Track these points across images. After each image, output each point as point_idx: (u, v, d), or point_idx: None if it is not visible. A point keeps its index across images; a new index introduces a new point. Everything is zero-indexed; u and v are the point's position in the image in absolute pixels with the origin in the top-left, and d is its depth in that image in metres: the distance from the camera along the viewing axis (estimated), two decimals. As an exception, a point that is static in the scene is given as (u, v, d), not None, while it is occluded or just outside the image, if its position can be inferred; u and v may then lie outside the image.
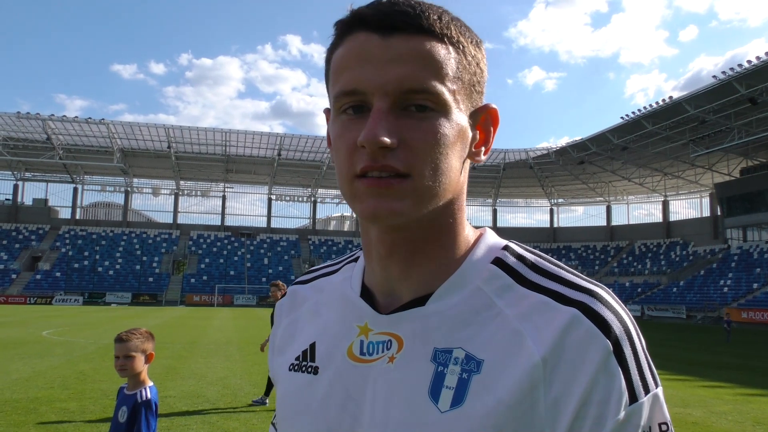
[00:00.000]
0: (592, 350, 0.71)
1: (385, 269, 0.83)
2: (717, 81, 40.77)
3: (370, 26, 0.74)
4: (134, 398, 3.46)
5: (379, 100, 0.72)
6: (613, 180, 68.72)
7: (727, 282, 50.84)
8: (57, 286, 59.50)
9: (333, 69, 0.78)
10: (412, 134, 0.72)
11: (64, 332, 22.46)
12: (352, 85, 0.74)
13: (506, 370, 0.73)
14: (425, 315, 0.79)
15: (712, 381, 13.25)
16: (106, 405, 8.77)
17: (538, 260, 0.83)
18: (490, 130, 0.83)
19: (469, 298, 0.79)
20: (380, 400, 0.78)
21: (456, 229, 0.82)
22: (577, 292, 0.76)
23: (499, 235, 0.85)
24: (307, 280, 1.01)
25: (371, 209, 0.73)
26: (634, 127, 50.10)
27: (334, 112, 0.78)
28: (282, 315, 1.00)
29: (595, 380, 0.70)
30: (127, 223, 72.97)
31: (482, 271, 0.80)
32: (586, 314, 0.73)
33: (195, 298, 59.43)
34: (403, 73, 0.72)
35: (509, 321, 0.75)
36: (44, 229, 68.34)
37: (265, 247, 71.78)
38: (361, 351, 0.82)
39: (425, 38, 0.73)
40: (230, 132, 61.73)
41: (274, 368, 0.96)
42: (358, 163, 0.73)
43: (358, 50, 0.74)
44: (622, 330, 0.73)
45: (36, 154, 62.80)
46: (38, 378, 11.30)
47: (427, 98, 0.73)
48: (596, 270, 67.83)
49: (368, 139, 0.70)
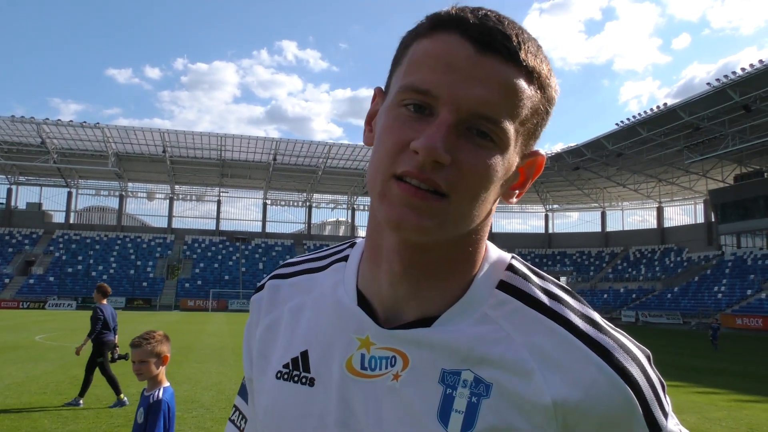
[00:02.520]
0: (616, 402, 0.70)
1: (393, 285, 0.79)
2: (711, 88, 40.96)
3: (469, 34, 0.70)
4: (148, 399, 3.54)
5: (448, 113, 0.69)
6: (608, 186, 68.93)
7: (721, 288, 50.96)
8: (50, 290, 59.18)
9: (411, 58, 0.73)
10: (466, 157, 0.69)
11: (57, 337, 22.33)
12: (428, 86, 0.70)
13: (515, 399, 0.71)
14: (431, 337, 0.76)
15: (706, 387, 13.27)
16: (100, 410, 8.73)
17: (545, 282, 0.81)
18: (530, 175, 0.81)
19: (476, 325, 0.76)
20: (387, 419, 0.75)
21: (474, 258, 0.80)
22: (594, 329, 0.74)
23: (495, 241, 0.86)
24: (288, 274, 0.95)
25: (398, 217, 0.70)
26: (629, 134, 50.27)
27: (394, 101, 0.74)
28: (261, 311, 0.93)
29: (616, 426, 0.70)
30: (122, 228, 72.72)
31: (488, 297, 0.78)
32: (605, 359, 0.72)
33: (189, 303, 59.18)
34: (484, 98, 0.69)
35: (518, 348, 0.74)
36: (38, 234, 68.03)
37: (260, 252, 71.63)
38: (362, 365, 0.78)
39: (517, 70, 0.70)
40: (225, 136, 61.61)
41: (253, 372, 0.91)
42: (401, 164, 0.70)
43: (448, 53, 0.70)
44: (642, 377, 0.73)
45: (30, 158, 62.55)
46: (31, 383, 11.23)
47: (494, 130, 0.70)
48: (591, 276, 67.92)
49: (427, 148, 0.67)
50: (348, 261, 0.89)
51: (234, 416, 0.99)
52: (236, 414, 0.99)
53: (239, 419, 0.99)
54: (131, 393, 10.11)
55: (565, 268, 70.94)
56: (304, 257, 0.98)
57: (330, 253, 0.95)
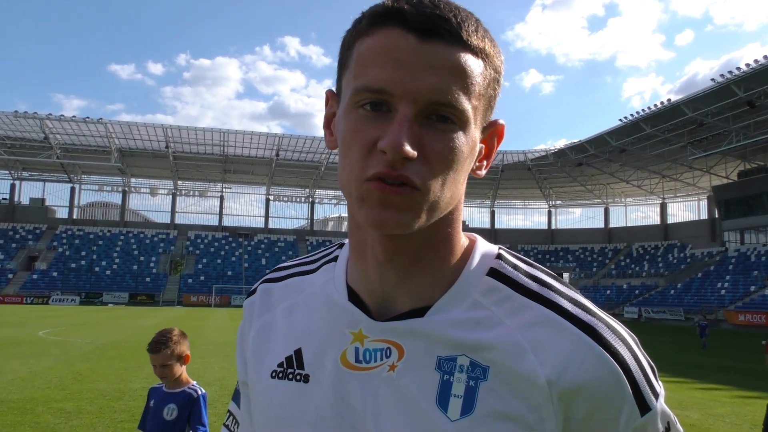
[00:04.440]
0: (605, 379, 0.72)
1: (381, 274, 0.80)
2: (715, 84, 40.83)
3: (408, 25, 0.70)
4: (184, 396, 3.52)
5: (406, 107, 0.70)
6: (611, 182, 68.79)
7: (724, 284, 50.87)
8: (54, 285, 59.35)
9: (358, 59, 0.74)
10: (432, 146, 0.70)
11: (60, 332, 22.40)
12: (381, 84, 0.70)
13: (512, 381, 0.73)
14: (425, 326, 0.77)
15: (709, 383, 13.26)
16: (103, 405, 8.74)
17: (533, 269, 0.83)
18: (494, 145, 0.83)
19: (468, 311, 0.78)
20: (385, 409, 0.75)
21: (453, 239, 0.81)
22: (582, 311, 0.77)
23: (498, 237, 0.87)
24: (279, 277, 0.96)
25: (379, 218, 0.71)
26: (633, 130, 50.16)
27: (350, 104, 0.74)
28: (253, 315, 0.94)
29: (607, 404, 0.72)
30: (125, 223, 72.85)
31: (479, 284, 0.80)
32: (595, 339, 0.74)
33: (192, 299, 59.32)
34: (437, 84, 0.69)
35: (510, 331, 0.75)
36: (41, 229, 68.18)
37: (263, 248, 71.70)
38: (356, 358, 0.79)
39: (462, 50, 0.71)
40: (228, 132, 61.66)
41: (247, 374, 0.91)
42: (372, 166, 0.71)
43: (393, 48, 0.71)
44: (630, 356, 0.74)
45: (33, 153, 62.66)
46: (35, 378, 11.26)
47: (453, 112, 0.71)
48: (594, 272, 67.85)
49: (393, 147, 0.68)
50: (338, 261, 0.90)
51: (228, 421, 1.00)
52: (230, 419, 1.00)
53: (233, 424, 0.99)
54: (134, 389, 10.13)
55: (568, 264, 70.88)
56: (295, 261, 0.99)
57: (320, 256, 0.96)
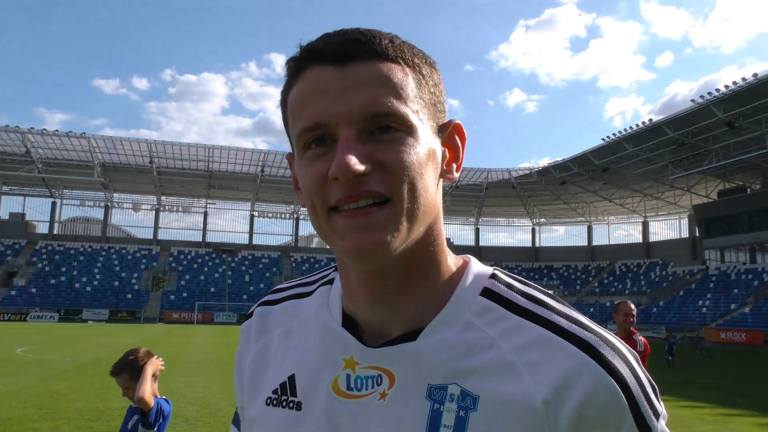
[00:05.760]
0: (603, 398, 0.69)
1: (371, 310, 0.79)
2: (695, 105, 41.55)
3: (324, 59, 0.72)
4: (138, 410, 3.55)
5: (344, 129, 0.70)
6: (594, 200, 69.42)
7: (705, 302, 51.37)
8: (32, 302, 58.39)
9: (291, 109, 0.75)
10: (385, 155, 0.70)
11: (38, 350, 22.03)
12: (315, 120, 0.71)
13: (504, 408, 0.71)
14: (417, 351, 0.76)
15: (691, 401, 13.31)
16: (81, 425, 8.59)
17: (528, 288, 0.80)
18: (458, 145, 0.81)
19: (461, 333, 0.76)
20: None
21: (438, 258, 0.79)
22: (579, 328, 0.74)
23: (482, 254, 0.85)
24: (276, 300, 0.95)
25: (353, 245, 0.70)
26: (615, 149, 50.78)
27: (298, 152, 0.75)
28: (250, 339, 0.93)
29: (605, 424, 0.70)
30: (107, 239, 72.09)
31: (472, 304, 0.78)
32: (594, 357, 0.71)
33: (174, 315, 58.62)
34: (366, 99, 0.70)
35: (504, 353, 0.73)
36: (20, 244, 67.22)
37: (247, 264, 71.25)
38: (348, 386, 0.78)
39: (381, 62, 0.72)
40: (213, 148, 61.52)
41: (244, 400, 0.91)
42: (331, 195, 0.70)
43: (315, 84, 0.72)
44: (630, 375, 0.72)
45: (14, 167, 61.92)
46: (11, 397, 11.04)
47: (393, 120, 0.71)
48: (577, 290, 68.17)
49: (341, 169, 0.67)
50: (333, 284, 0.89)
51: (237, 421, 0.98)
52: None
53: None
54: (114, 408, 9.98)
55: (552, 282, 71.17)
56: (293, 282, 0.98)
57: (317, 278, 0.94)
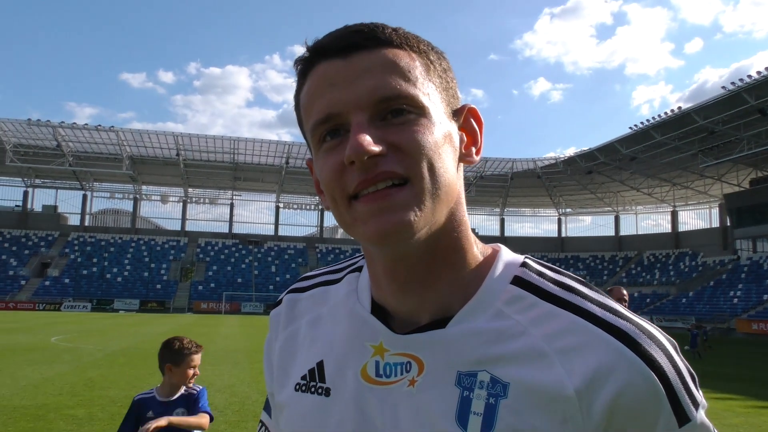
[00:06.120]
0: (640, 389, 0.67)
1: (398, 299, 0.79)
2: (726, 92, 40.67)
3: (330, 54, 0.72)
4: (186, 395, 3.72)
5: (356, 116, 0.70)
6: (621, 190, 68.51)
7: (736, 293, 50.45)
8: (66, 292, 59.73)
9: (303, 106, 0.76)
10: (400, 137, 0.69)
11: (72, 339, 22.52)
12: (326, 111, 0.71)
13: (534, 396, 0.69)
14: (446, 338, 0.75)
15: (723, 393, 13.12)
16: (114, 412, 8.77)
17: (561, 276, 0.78)
18: (475, 129, 0.80)
19: (491, 321, 0.74)
20: (405, 425, 0.73)
21: (463, 245, 0.78)
22: (614, 316, 0.72)
23: (507, 245, 0.82)
24: (304, 287, 0.95)
25: (376, 229, 0.69)
26: (643, 138, 49.98)
27: (314, 147, 0.75)
28: (279, 327, 0.93)
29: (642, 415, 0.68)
30: (136, 230, 73.27)
31: (502, 292, 0.76)
32: (628, 345, 0.69)
33: (203, 306, 59.50)
34: (373, 84, 0.70)
35: (535, 341, 0.72)
36: (53, 236, 68.68)
37: (273, 255, 71.85)
38: (377, 372, 0.77)
39: (386, 49, 0.72)
40: (238, 140, 62.02)
41: (274, 386, 0.91)
42: (350, 183, 0.70)
43: (323, 78, 0.72)
44: (668, 364, 0.69)
45: (46, 161, 63.21)
46: (47, 385, 11.32)
47: (404, 101, 0.70)
48: (605, 280, 67.46)
49: (355, 150, 0.67)
50: (362, 272, 0.89)
51: (261, 431, 0.98)
52: (262, 429, 0.98)
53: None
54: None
55: (578, 272, 70.51)
56: (321, 270, 0.98)
57: (346, 265, 0.94)
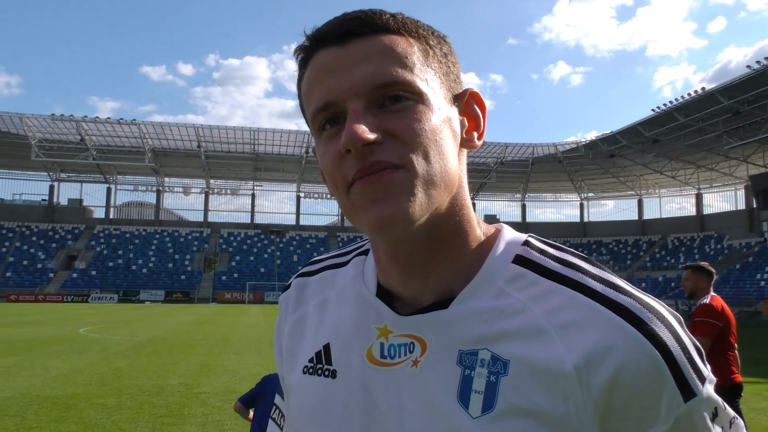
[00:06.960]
0: (641, 366, 0.66)
1: (401, 282, 0.79)
2: (751, 71, 39.87)
3: (328, 41, 0.72)
4: None
5: (352, 103, 0.69)
6: (644, 173, 67.65)
7: (764, 276, 49.73)
8: (93, 284, 60.79)
9: (304, 95, 0.76)
10: (396, 124, 0.69)
11: (100, 330, 22.94)
12: (324, 99, 0.71)
13: (534, 372, 0.69)
14: (448, 318, 0.75)
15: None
16: (143, 401, 8.95)
17: (562, 253, 0.78)
18: (477, 114, 0.80)
19: (492, 300, 0.75)
20: (409, 405, 0.74)
21: (465, 228, 0.78)
22: (615, 291, 0.71)
23: (529, 230, 0.79)
24: (313, 271, 0.96)
25: (374, 216, 0.68)
26: (666, 120, 49.25)
27: (315, 135, 0.75)
28: (288, 310, 0.95)
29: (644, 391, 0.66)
30: (159, 222, 74.16)
31: (504, 271, 0.76)
32: (629, 320, 0.68)
33: (227, 296, 60.21)
34: (369, 71, 0.69)
35: (535, 317, 0.72)
36: (79, 229, 69.81)
37: (295, 245, 72.31)
38: (381, 354, 0.78)
39: (383, 35, 0.72)
40: (258, 130, 62.29)
41: (283, 369, 0.92)
42: (348, 171, 0.69)
43: (321, 66, 0.72)
44: (672, 338, 0.68)
45: (70, 155, 64.16)
46: (77, 375, 11.56)
47: (401, 88, 0.70)
48: (628, 264, 66.86)
49: (350, 139, 0.66)
50: (368, 254, 0.89)
51: (275, 414, 0.99)
52: (276, 412, 0.99)
53: (279, 417, 0.99)
54: (172, 384, 10.35)
55: (602, 257, 69.99)
56: (329, 254, 0.99)
57: (353, 248, 0.95)
